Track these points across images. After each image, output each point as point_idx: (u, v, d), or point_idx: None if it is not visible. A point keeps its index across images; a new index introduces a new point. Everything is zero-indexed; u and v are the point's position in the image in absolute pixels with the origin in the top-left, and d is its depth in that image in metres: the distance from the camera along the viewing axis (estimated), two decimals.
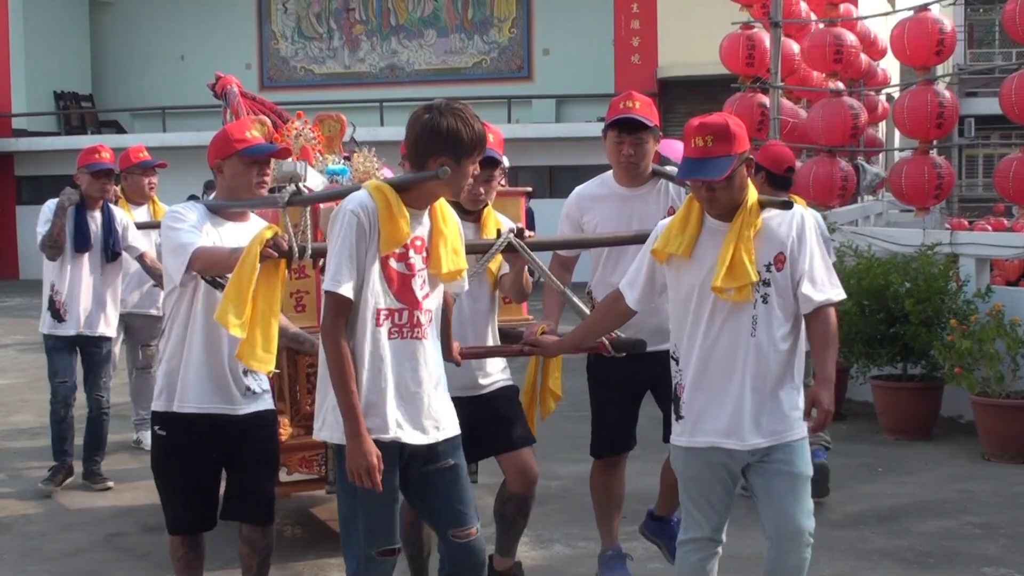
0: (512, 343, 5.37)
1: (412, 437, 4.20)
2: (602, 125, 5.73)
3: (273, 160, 5.29)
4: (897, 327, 9.15)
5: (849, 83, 12.96)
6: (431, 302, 4.29)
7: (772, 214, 4.46)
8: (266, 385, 5.05)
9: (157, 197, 9.02)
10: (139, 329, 8.92)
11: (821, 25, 12.30)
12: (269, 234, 4.45)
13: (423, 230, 4.27)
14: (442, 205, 4.35)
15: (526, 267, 5.26)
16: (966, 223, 14.63)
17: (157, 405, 4.91)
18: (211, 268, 4.67)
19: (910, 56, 10.93)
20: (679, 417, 4.57)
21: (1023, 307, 8.94)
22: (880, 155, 18.30)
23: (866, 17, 13.73)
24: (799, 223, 4.46)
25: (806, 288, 4.42)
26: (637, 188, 5.70)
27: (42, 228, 7.73)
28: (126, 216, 8.05)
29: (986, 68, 27.54)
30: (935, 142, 11.12)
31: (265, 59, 30.03)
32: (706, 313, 4.45)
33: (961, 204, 24.88)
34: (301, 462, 6.27)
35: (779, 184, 6.94)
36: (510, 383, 5.46)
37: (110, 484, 8.04)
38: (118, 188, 8.63)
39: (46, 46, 28.75)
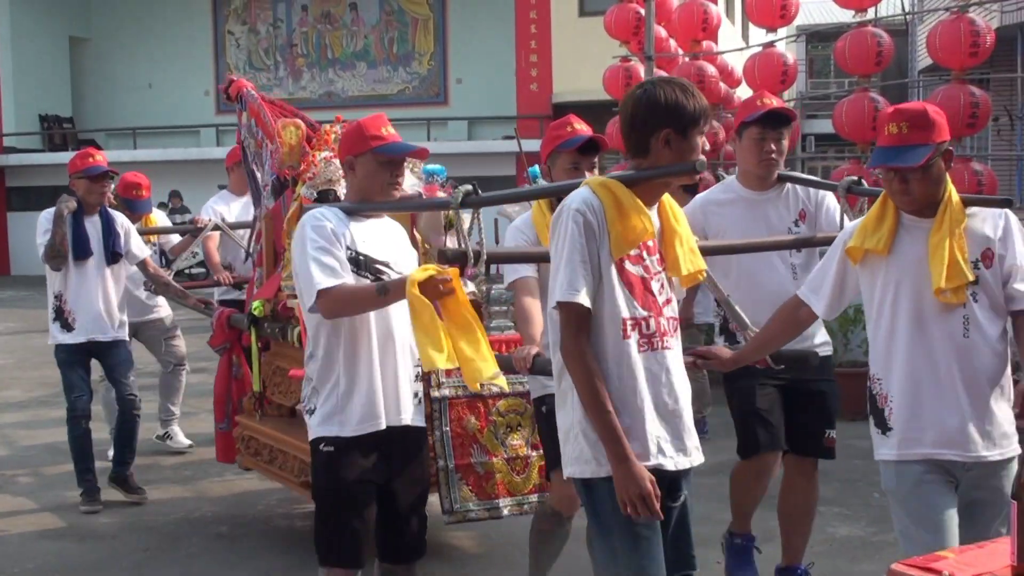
0: None
1: (675, 462, 3.19)
2: (506, 142, 5.27)
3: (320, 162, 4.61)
4: None
5: (710, 107, 13.06)
6: (672, 308, 3.28)
7: (973, 211, 3.57)
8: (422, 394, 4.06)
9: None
10: (147, 332, 7.83)
11: (687, 59, 12.35)
12: (422, 276, 3.50)
13: (654, 228, 3.26)
14: (670, 201, 3.36)
15: None
16: None
17: (327, 430, 3.82)
18: (344, 311, 3.72)
19: (760, 84, 11.01)
20: (887, 429, 3.61)
21: None
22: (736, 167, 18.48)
23: (724, 52, 13.81)
24: (1005, 220, 3.58)
25: (1019, 284, 3.51)
26: (765, 192, 4.77)
27: (42, 239, 6.50)
28: (127, 220, 6.87)
29: (823, 95, 27.93)
30: None
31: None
32: (912, 315, 3.54)
33: None
34: None
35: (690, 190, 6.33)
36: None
37: (145, 497, 6.80)
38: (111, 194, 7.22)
39: (32, 75, 28.19)
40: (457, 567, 5.56)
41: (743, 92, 16.12)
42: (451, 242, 4.80)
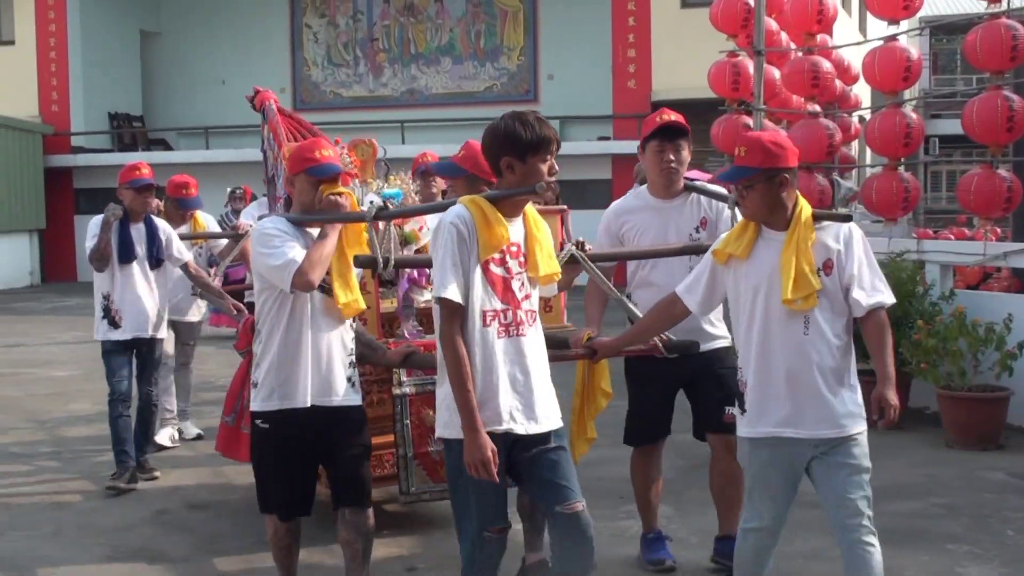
0: (558, 348, 5.21)
1: (524, 428, 4.13)
2: (602, 143, 5.80)
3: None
4: None
5: (825, 106, 12.88)
6: (530, 303, 4.23)
7: (824, 225, 4.43)
8: (357, 379, 5.06)
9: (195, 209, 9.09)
10: (181, 332, 9.02)
11: (800, 54, 12.23)
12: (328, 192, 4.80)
13: (518, 236, 4.20)
14: (533, 212, 4.30)
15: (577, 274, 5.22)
16: (931, 232, 14.59)
17: (266, 405, 4.86)
18: (317, 271, 4.72)
19: (880, 81, 10.87)
20: (744, 411, 4.52)
21: (983, 309, 8.92)
22: (853, 171, 18.25)
23: (841, 46, 13.66)
24: (847, 233, 4.41)
25: (856, 293, 4.37)
26: (671, 200, 5.63)
27: (90, 242, 7.62)
28: (169, 227, 8.00)
29: (949, 92, 27.48)
30: (903, 159, 11.05)
31: (298, 84, 30.03)
32: (761, 315, 4.41)
33: (927, 215, 24.81)
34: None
35: None
36: None
37: (157, 474, 7.94)
38: (160, 202, 8.49)
39: (102, 73, 28.80)
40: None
41: (861, 89, 15.95)
42: (407, 252, 6.31)
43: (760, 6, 10.90)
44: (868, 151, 17.21)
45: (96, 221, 7.66)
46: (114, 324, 7.65)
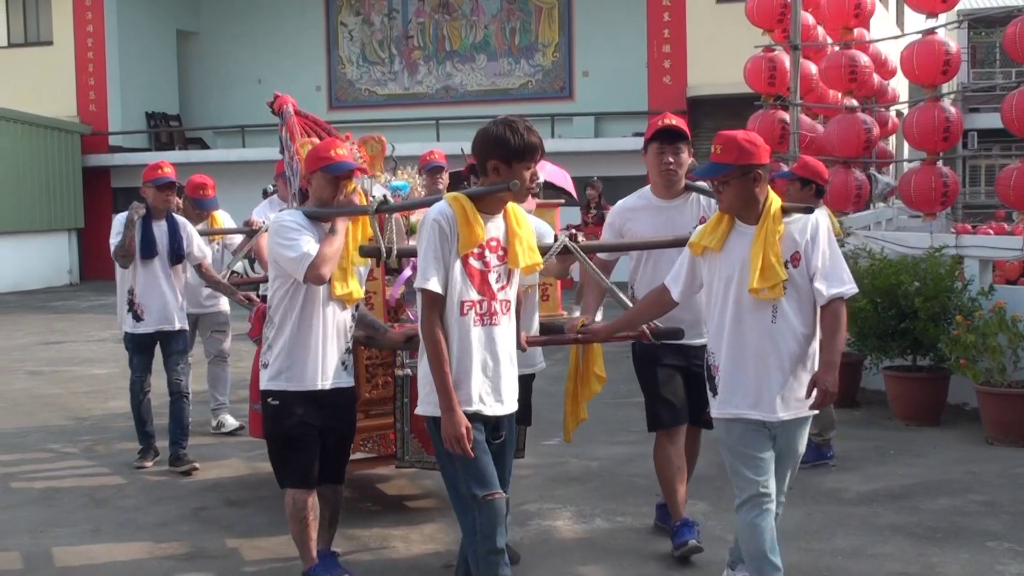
0: (554, 334, 5.61)
1: (491, 409, 4.47)
2: (637, 139, 5.91)
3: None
4: (907, 322, 9.08)
5: (862, 100, 12.83)
6: (506, 293, 4.51)
7: (793, 218, 4.72)
8: (351, 363, 5.48)
9: (219, 206, 9.46)
10: (204, 322, 9.36)
11: (836, 48, 12.19)
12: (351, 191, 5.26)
13: (498, 232, 4.49)
14: (514, 208, 4.57)
15: (573, 265, 5.51)
16: (970, 227, 14.48)
17: (276, 384, 5.29)
18: (328, 265, 5.14)
19: (918, 75, 10.82)
20: (715, 393, 4.83)
21: (1023, 304, 8.85)
22: (891, 166, 18.13)
23: (878, 40, 13.60)
24: (813, 225, 4.72)
25: (819, 283, 4.66)
26: (672, 200, 5.92)
27: (114, 239, 7.92)
28: (190, 225, 8.27)
29: (988, 86, 27.27)
30: (941, 154, 10.99)
31: (333, 82, 30.14)
32: (732, 303, 4.71)
33: (965, 210, 24.60)
34: (359, 443, 6.40)
35: (821, 193, 7.62)
36: (532, 371, 5.82)
37: (196, 466, 8.07)
38: (179, 200, 8.74)
39: (139, 72, 29.06)
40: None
41: (899, 83, 15.88)
42: (412, 242, 6.37)
43: (796, 0, 10.85)
44: (906, 145, 17.11)
45: (120, 219, 8.00)
46: (138, 317, 8.02)
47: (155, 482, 7.85)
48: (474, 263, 4.41)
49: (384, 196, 5.43)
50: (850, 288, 4.72)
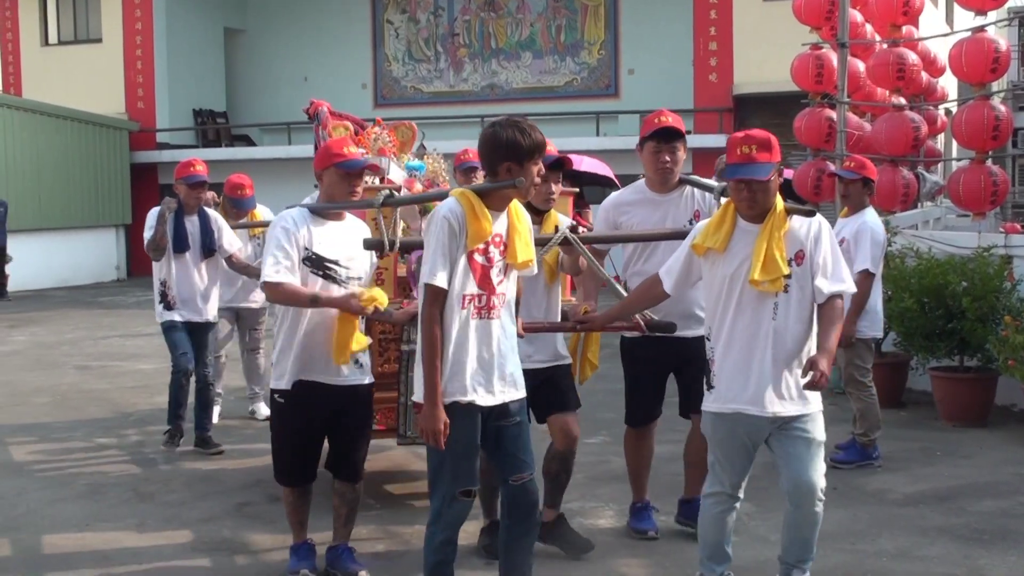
0: (561, 320, 5.79)
1: (485, 399, 4.61)
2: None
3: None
4: (955, 322, 9.02)
5: (911, 98, 12.70)
6: (504, 287, 4.67)
7: (796, 219, 4.85)
8: (366, 360, 5.60)
9: (260, 203, 9.82)
10: (245, 318, 9.71)
11: (885, 45, 12.07)
12: (368, 308, 5.27)
13: (502, 227, 4.64)
14: (516, 205, 4.73)
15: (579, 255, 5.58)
16: (1019, 227, 14.33)
17: (284, 383, 5.44)
18: (283, 302, 5.36)
19: (967, 73, 10.70)
20: (711, 387, 4.95)
21: None
22: (939, 165, 17.97)
23: (927, 38, 13.47)
24: (817, 226, 4.85)
25: (819, 281, 4.78)
26: (667, 194, 6.07)
27: (147, 233, 8.22)
28: (221, 219, 8.58)
29: None
30: (991, 152, 10.87)
31: (379, 79, 30.24)
32: (735, 299, 4.82)
33: (1015, 210, 24.32)
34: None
35: (871, 190, 8.02)
36: (568, 362, 5.89)
37: (222, 449, 8.57)
38: (214, 194, 9.08)
39: (186, 69, 29.32)
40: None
41: (947, 82, 15.72)
42: (425, 224, 6.44)
43: None
44: (955, 144, 16.94)
45: (153, 213, 8.30)
46: (170, 308, 8.36)
47: (199, 477, 7.92)
48: (478, 258, 4.56)
49: (389, 190, 5.65)
50: (850, 288, 4.87)
